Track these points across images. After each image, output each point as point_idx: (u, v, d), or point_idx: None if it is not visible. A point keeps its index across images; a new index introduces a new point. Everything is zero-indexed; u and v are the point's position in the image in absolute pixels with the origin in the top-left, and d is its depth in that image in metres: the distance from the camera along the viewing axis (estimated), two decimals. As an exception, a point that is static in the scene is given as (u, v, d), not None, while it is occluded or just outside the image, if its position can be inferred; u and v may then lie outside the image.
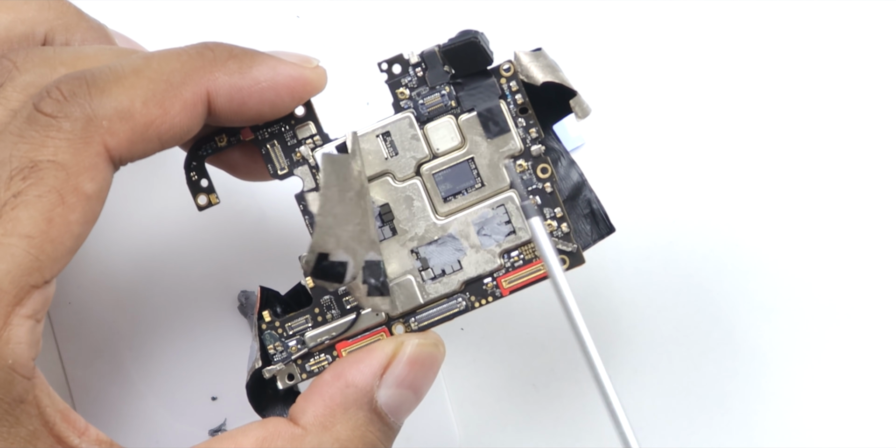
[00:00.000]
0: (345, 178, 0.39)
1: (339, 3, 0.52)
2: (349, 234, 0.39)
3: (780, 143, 0.52)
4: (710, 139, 0.52)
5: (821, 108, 0.52)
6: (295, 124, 0.42)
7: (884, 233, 0.52)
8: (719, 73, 0.52)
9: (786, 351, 0.51)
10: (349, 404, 0.40)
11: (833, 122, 0.52)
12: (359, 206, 0.40)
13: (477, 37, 0.41)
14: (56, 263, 0.37)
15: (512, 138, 0.42)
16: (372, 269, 0.40)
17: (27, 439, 0.37)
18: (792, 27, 0.53)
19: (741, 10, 0.53)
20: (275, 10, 0.52)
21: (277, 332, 0.42)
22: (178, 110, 0.39)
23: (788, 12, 0.53)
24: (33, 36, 0.42)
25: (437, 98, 0.42)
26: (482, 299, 0.42)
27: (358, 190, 0.40)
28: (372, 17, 0.52)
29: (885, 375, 0.51)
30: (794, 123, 0.52)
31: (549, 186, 0.42)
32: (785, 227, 0.52)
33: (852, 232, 0.52)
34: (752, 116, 0.52)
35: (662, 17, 0.53)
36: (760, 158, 0.52)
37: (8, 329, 0.37)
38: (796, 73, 0.52)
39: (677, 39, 0.53)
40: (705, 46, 0.53)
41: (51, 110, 0.37)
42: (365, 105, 0.52)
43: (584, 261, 0.42)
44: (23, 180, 0.37)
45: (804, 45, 0.52)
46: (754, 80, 0.52)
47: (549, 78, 0.41)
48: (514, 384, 0.52)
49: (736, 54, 0.53)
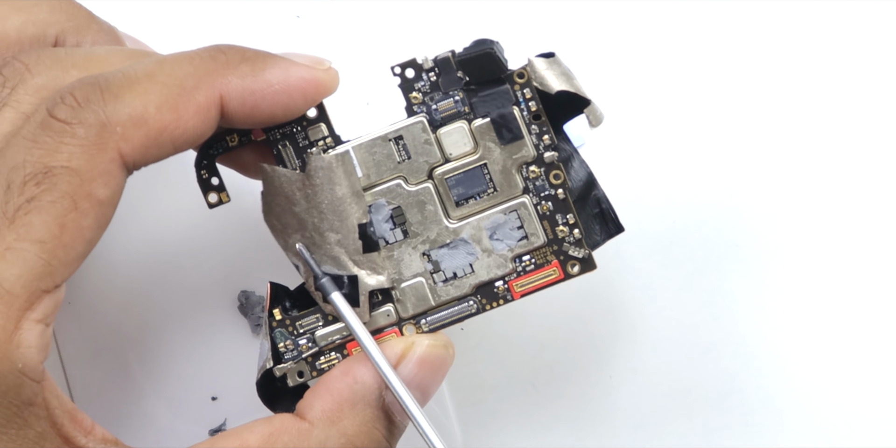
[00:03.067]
0: (286, 189, 0.40)
1: (339, 3, 0.52)
2: (297, 239, 0.41)
3: (781, 142, 0.52)
4: (711, 140, 0.52)
5: (822, 108, 0.52)
6: (307, 126, 0.42)
7: (884, 233, 0.52)
8: (721, 75, 0.53)
9: (786, 351, 0.52)
10: (357, 400, 0.41)
11: (833, 123, 0.52)
12: (325, 217, 0.41)
13: (493, 47, 0.41)
14: (67, 268, 0.37)
15: (525, 145, 0.42)
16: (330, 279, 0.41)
17: (35, 441, 0.37)
18: (794, 29, 0.53)
19: (743, 10, 0.53)
20: (275, 10, 0.52)
21: (288, 330, 0.42)
22: (192, 115, 0.39)
23: (790, 13, 0.53)
24: (44, 37, 0.42)
25: (451, 103, 0.42)
26: (493, 302, 0.43)
27: (318, 206, 0.41)
28: (372, 18, 0.52)
29: (886, 375, 0.52)
30: (795, 124, 0.52)
31: (561, 193, 0.42)
32: (785, 227, 0.52)
33: (852, 232, 0.52)
34: (753, 116, 0.52)
35: (665, 16, 0.53)
36: (761, 159, 0.52)
37: (19, 333, 0.37)
38: (797, 75, 0.53)
39: (675, 40, 0.53)
40: (702, 46, 0.53)
41: (65, 116, 0.37)
42: (365, 105, 0.52)
43: (595, 266, 0.42)
44: (36, 185, 0.37)
45: (802, 48, 0.53)
46: (756, 80, 0.53)
47: (563, 87, 0.41)
48: (514, 384, 0.52)
49: (738, 56, 0.53)
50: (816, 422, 0.51)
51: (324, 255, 0.41)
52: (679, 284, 0.52)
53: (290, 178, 0.41)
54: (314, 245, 0.41)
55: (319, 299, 0.42)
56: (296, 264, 0.42)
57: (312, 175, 0.41)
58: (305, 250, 0.41)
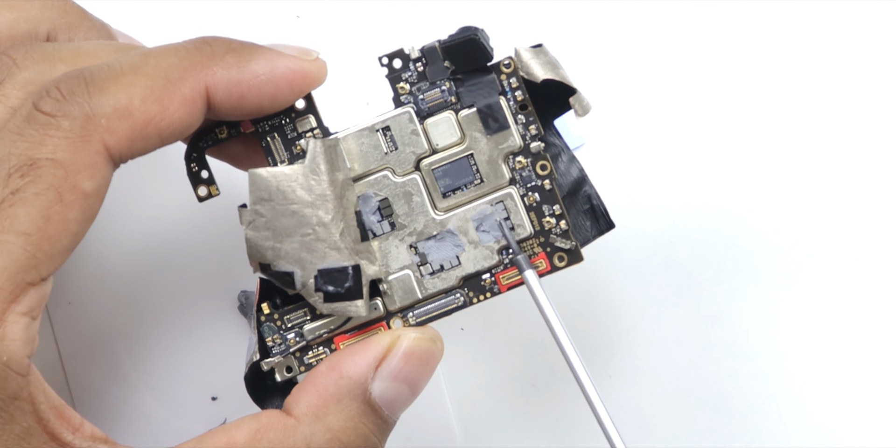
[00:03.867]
0: (283, 189, 0.40)
1: (339, 3, 0.52)
2: (294, 242, 0.40)
3: (779, 142, 0.52)
4: (711, 140, 0.52)
5: (820, 108, 0.52)
6: (295, 117, 0.42)
7: (884, 233, 0.52)
8: (719, 73, 0.53)
9: (786, 351, 0.51)
10: (342, 395, 0.40)
11: (832, 122, 0.52)
12: (332, 206, 0.40)
13: (477, 34, 0.41)
14: (53, 261, 0.37)
15: (511, 135, 0.42)
16: (331, 275, 0.41)
17: (21, 436, 0.37)
18: (791, 27, 0.53)
19: (741, 9, 0.53)
20: (275, 10, 0.52)
21: (276, 324, 0.42)
22: (177, 106, 0.39)
23: (788, 12, 0.53)
24: (36, 34, 0.42)
25: (438, 93, 0.42)
26: (480, 295, 0.42)
27: (322, 195, 0.40)
28: (372, 18, 0.53)
29: (886, 375, 0.51)
30: (794, 123, 0.52)
31: (547, 183, 0.42)
32: (785, 227, 0.52)
33: (852, 232, 0.52)
34: (751, 116, 0.52)
35: (663, 15, 0.53)
36: (760, 158, 0.52)
37: (3, 326, 0.37)
38: (795, 74, 0.52)
39: (678, 39, 0.53)
40: (705, 46, 0.53)
41: (50, 109, 0.37)
42: (365, 105, 0.52)
43: (582, 258, 0.42)
44: (21, 178, 0.37)
45: (804, 47, 0.53)
46: (754, 80, 0.52)
47: (549, 75, 0.41)
48: (514, 384, 0.52)
49: (735, 54, 0.53)
50: (816, 422, 0.51)
51: (327, 249, 0.41)
52: (679, 284, 0.52)
53: (288, 175, 0.41)
54: (318, 240, 0.41)
55: (310, 298, 0.42)
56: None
57: (317, 161, 0.41)
58: (505, 224, 0.41)
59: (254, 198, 0.41)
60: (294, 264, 0.41)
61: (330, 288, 0.41)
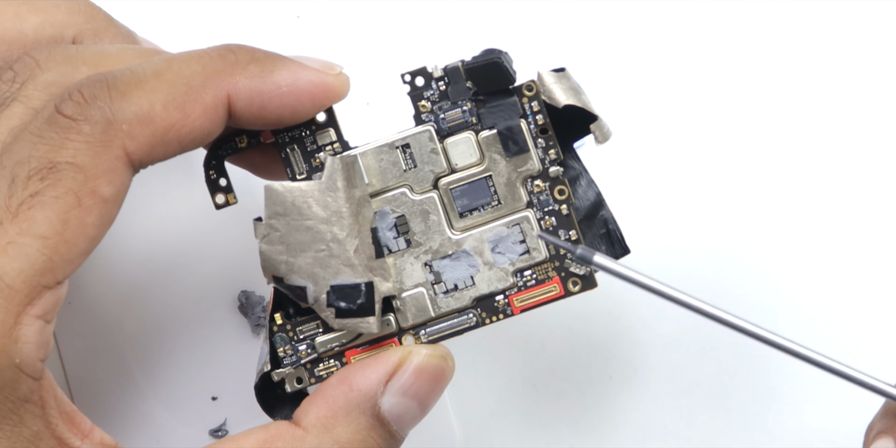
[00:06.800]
0: (298, 204, 0.40)
1: (339, 3, 0.52)
2: (308, 258, 0.40)
3: (779, 144, 0.52)
4: (710, 141, 0.52)
5: (820, 111, 0.52)
6: (316, 130, 0.42)
7: (883, 233, 0.52)
8: (722, 77, 0.53)
9: (785, 350, 0.52)
10: (352, 408, 0.40)
11: (832, 126, 0.52)
12: (347, 222, 0.40)
13: (501, 57, 0.41)
14: (69, 265, 0.37)
15: (531, 158, 0.42)
16: (343, 291, 0.41)
17: (29, 440, 0.37)
18: (798, 39, 0.53)
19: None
20: (275, 10, 0.52)
21: (288, 335, 0.42)
22: (199, 114, 0.39)
23: (793, 23, 0.53)
24: (62, 39, 0.42)
25: (458, 113, 0.42)
26: (493, 316, 0.42)
27: (338, 212, 0.41)
28: (372, 18, 0.52)
29: (885, 375, 0.52)
30: (795, 124, 0.52)
31: (564, 208, 0.42)
32: (785, 227, 0.52)
33: (852, 232, 0.52)
34: (750, 119, 0.53)
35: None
36: (760, 161, 0.52)
37: (18, 328, 0.37)
38: (795, 82, 0.53)
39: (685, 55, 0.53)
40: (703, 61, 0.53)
41: (71, 112, 0.37)
42: (365, 105, 0.52)
43: (596, 285, 0.42)
44: (41, 180, 0.37)
45: (808, 59, 0.53)
46: (752, 84, 0.53)
47: (571, 101, 0.41)
48: (514, 384, 0.52)
49: (738, 62, 0.53)
50: (816, 422, 0.51)
51: (341, 265, 0.41)
52: (679, 284, 0.52)
53: (304, 190, 0.41)
54: (331, 256, 0.41)
55: (322, 313, 0.42)
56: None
57: (334, 178, 0.41)
58: (546, 235, 0.41)
59: (269, 212, 0.41)
60: (307, 279, 0.41)
61: (342, 304, 0.41)
